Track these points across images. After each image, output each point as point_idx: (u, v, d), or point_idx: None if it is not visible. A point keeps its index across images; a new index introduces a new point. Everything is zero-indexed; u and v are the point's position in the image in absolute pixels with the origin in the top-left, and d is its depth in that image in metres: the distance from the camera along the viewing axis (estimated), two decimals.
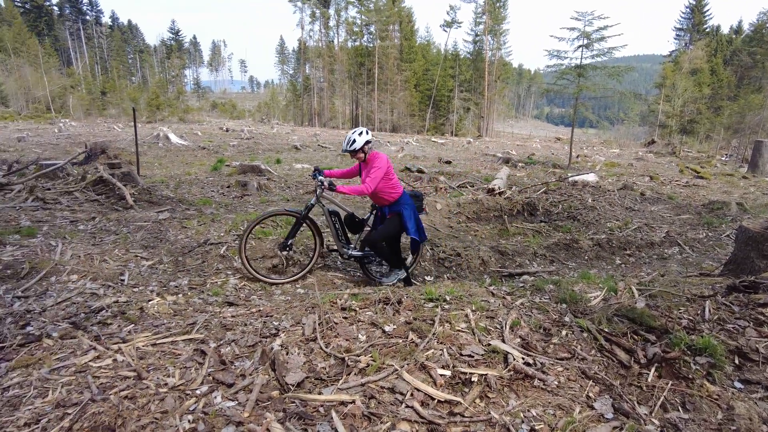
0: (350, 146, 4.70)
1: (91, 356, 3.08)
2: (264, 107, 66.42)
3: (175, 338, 3.32)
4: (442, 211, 8.43)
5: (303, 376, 2.79)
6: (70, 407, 2.55)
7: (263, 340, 3.26)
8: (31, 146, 17.78)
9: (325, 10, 61.76)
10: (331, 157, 18.18)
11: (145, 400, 2.58)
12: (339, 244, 5.17)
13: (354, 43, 61.58)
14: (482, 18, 57.52)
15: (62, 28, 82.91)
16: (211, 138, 25.16)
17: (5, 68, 52.46)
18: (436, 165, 16.11)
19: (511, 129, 73.44)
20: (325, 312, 3.56)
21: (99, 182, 7.33)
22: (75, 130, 27.69)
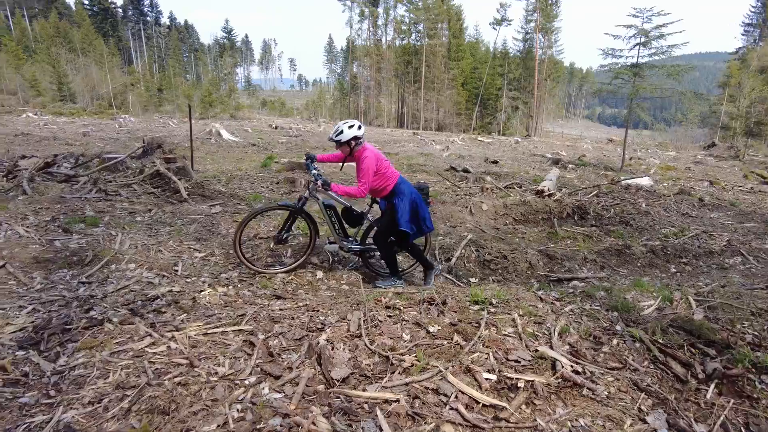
0: (336, 136, 4.53)
1: (147, 342, 3.23)
2: (312, 105, 67.50)
3: (225, 329, 3.43)
4: (488, 212, 8.32)
5: (348, 372, 2.82)
6: (129, 389, 2.68)
7: (310, 334, 3.32)
8: (95, 140, 18.80)
9: (373, 8, 62.07)
10: None
11: (197, 387, 2.68)
12: (337, 237, 5.05)
13: (402, 42, 61.63)
14: (533, 16, 56.26)
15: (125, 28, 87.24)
16: (260, 135, 25.82)
17: (74, 67, 55.67)
18: (483, 165, 15.90)
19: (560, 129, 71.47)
20: (369, 309, 3.59)
21: (156, 176, 7.69)
22: (133, 125, 29.09)
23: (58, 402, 2.59)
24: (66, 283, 4.24)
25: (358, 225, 5.11)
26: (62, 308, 3.71)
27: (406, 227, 4.62)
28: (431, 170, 13.16)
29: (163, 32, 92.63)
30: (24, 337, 3.22)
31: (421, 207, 4.80)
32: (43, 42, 62.61)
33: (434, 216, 7.91)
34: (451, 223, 7.64)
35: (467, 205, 8.46)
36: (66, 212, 6.21)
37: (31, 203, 6.54)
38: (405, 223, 4.62)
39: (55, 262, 4.72)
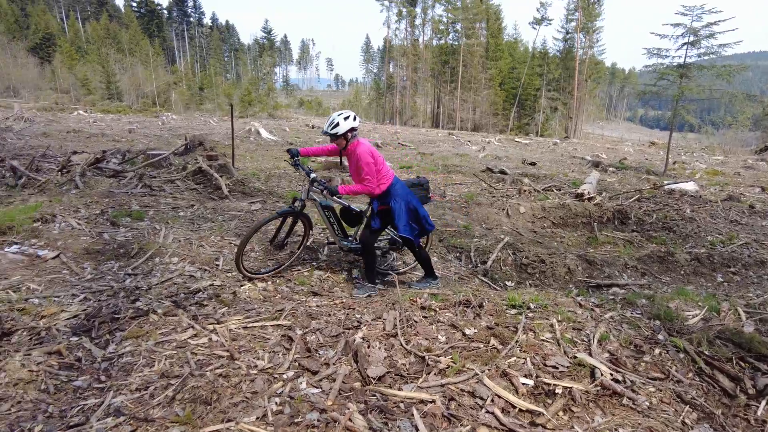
0: (332, 129, 4.19)
1: (189, 334, 3.34)
2: (347, 105, 68.00)
3: (264, 323, 3.51)
4: (525, 214, 8.20)
5: (384, 371, 2.84)
6: (173, 378, 2.79)
7: (346, 332, 3.37)
8: (139, 137, 19.51)
9: (411, 8, 62.02)
10: (411, 155, 18.26)
11: (237, 379, 2.76)
12: (336, 238, 4.85)
13: (439, 42, 61.36)
14: (575, 15, 54.95)
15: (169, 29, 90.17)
16: (297, 134, 26.21)
17: (121, 67, 57.92)
18: (520, 166, 15.66)
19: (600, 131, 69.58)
20: (405, 309, 3.60)
21: (198, 172, 7.93)
22: (175, 123, 30.02)
23: (108, 387, 2.72)
24: (114, 274, 4.43)
25: (357, 224, 4.85)
26: (110, 298, 3.87)
27: (405, 232, 4.37)
28: (467, 171, 13.05)
29: (205, 32, 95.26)
30: (77, 324, 3.39)
31: (419, 206, 4.57)
32: (94, 43, 65.43)
33: (470, 218, 7.87)
34: (487, 225, 7.56)
35: (504, 207, 8.36)
36: (114, 206, 6.48)
37: (82, 197, 6.85)
38: (404, 228, 4.37)
39: (104, 253, 4.93)
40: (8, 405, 2.51)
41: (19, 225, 5.32)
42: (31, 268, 4.50)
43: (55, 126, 21.67)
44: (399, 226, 4.34)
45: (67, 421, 2.42)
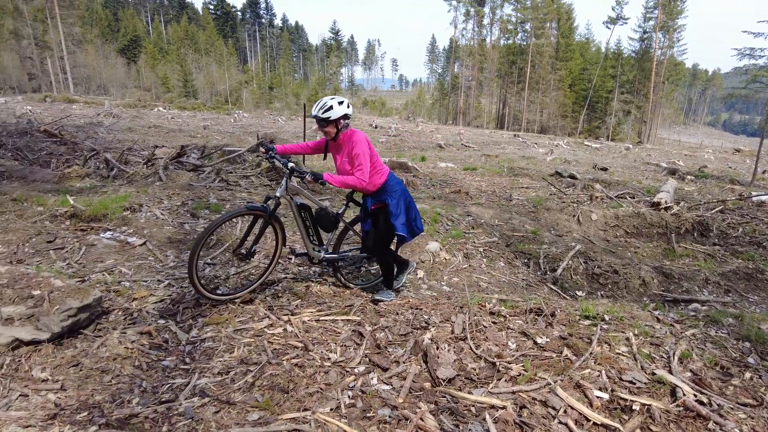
0: (324, 112, 3.62)
1: (265, 323, 3.49)
2: (410, 105, 68.17)
3: (335, 317, 3.61)
4: (597, 222, 7.88)
5: (454, 374, 2.85)
6: (252, 365, 2.93)
7: (414, 331, 3.40)
8: (213, 134, 20.53)
9: (479, 8, 61.17)
10: (475, 157, 18.03)
11: (312, 370, 2.86)
12: (310, 245, 4.13)
13: (507, 42, 60.10)
14: (654, 13, 52.05)
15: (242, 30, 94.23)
16: None
17: (198, 66, 61.21)
18: (591, 171, 15.06)
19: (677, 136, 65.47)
20: (474, 314, 3.58)
21: (271, 169, 8.26)
22: (246, 120, 31.30)
23: (193, 369, 2.90)
24: None
25: (333, 228, 4.24)
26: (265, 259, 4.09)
27: (402, 231, 3.96)
28: (534, 174, 12.72)
29: (275, 33, 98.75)
30: (164, 308, 3.64)
31: (413, 206, 4.19)
32: (174, 44, 69.56)
33: (538, 223, 7.68)
34: (556, 232, 7.35)
35: (575, 214, 8.08)
36: (193, 198, 6.87)
37: (165, 189, 7.32)
38: (401, 227, 3.96)
39: (185, 243, 5.25)
40: (110, 377, 2.74)
41: (112, 213, 5.77)
42: (122, 253, 4.87)
43: (138, 121, 23.23)
44: (396, 225, 3.94)
45: (159, 396, 2.62)
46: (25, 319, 3.00)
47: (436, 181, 10.51)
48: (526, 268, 5.82)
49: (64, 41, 49.70)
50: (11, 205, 6.19)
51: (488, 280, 5.16)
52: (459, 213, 7.13)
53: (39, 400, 2.48)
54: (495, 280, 5.22)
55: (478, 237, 6.31)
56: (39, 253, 4.70)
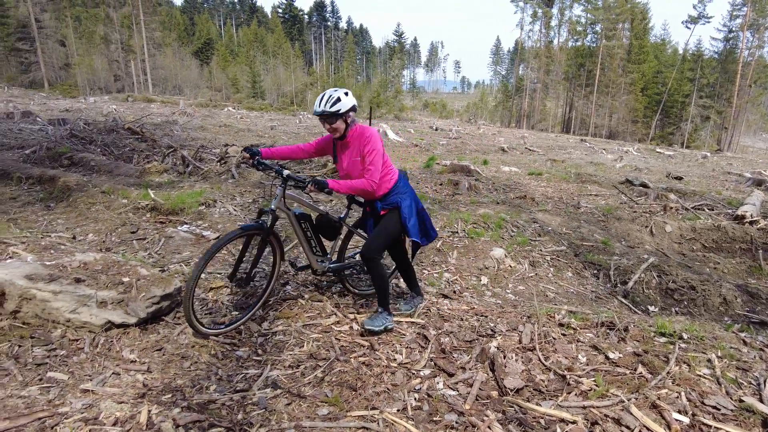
0: (332, 106, 3.17)
1: (333, 320, 3.58)
2: (472, 107, 67.33)
3: (399, 318, 3.64)
4: (672, 234, 7.45)
5: (522, 384, 2.80)
6: (321, 361, 3.02)
7: (479, 339, 3.37)
8: (280, 134, 21.21)
9: (547, 9, 59.47)
10: (540, 161, 17.54)
11: (379, 370, 2.90)
12: (313, 258, 3.71)
13: (575, 43, 58.06)
14: (742, 10, 48.45)
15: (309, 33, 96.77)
16: (422, 136, 26.57)
17: (265, 68, 63.50)
18: (664, 180, 14.26)
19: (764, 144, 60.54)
20: (542, 324, 3.50)
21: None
22: (310, 122, 32.07)
23: (265, 360, 3.03)
24: (264, 259, 4.88)
25: (336, 235, 3.87)
26: (263, 279, 4.28)
27: (416, 235, 3.53)
28: (603, 182, 12.21)
29: (340, 36, 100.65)
30: (237, 300, 3.82)
31: (424, 211, 3.79)
32: (244, 46, 72.54)
33: (608, 233, 7.37)
34: (627, 243, 7.02)
35: (647, 225, 7.68)
36: (263, 196, 7.15)
37: (237, 186, 7.66)
38: (416, 233, 3.53)
39: None
40: (189, 363, 2.91)
41: (188, 208, 6.12)
42: (197, 245, 5.14)
43: (209, 121, 24.41)
44: (410, 229, 3.48)
45: (234, 385, 2.75)
46: (116, 303, 3.25)
47: (499, 185, 10.33)
48: (596, 280, 5.61)
49: (146, 45, 53.13)
50: (101, 197, 6.70)
51: (555, 290, 5.01)
52: (525, 219, 6.97)
53: (129, 379, 2.68)
54: (562, 291, 5.07)
55: (545, 245, 6.14)
56: (124, 242, 5.06)
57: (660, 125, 54.90)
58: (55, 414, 2.32)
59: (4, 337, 3.00)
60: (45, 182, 7.67)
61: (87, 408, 2.38)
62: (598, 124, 54.61)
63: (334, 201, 7.53)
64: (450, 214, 6.63)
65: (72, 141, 11.45)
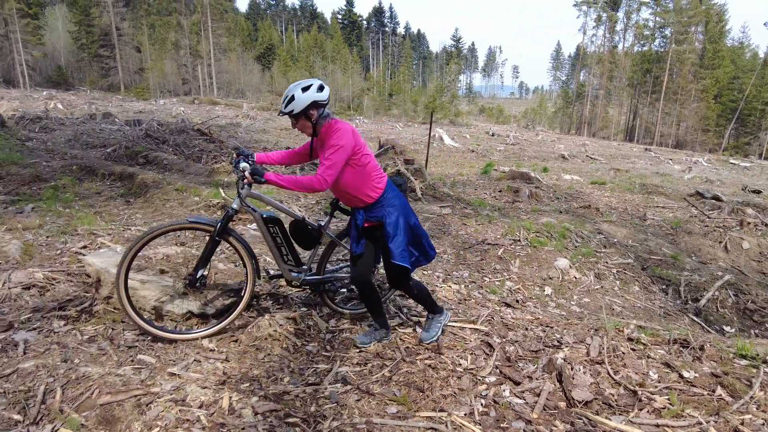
0: (286, 106, 2.91)
1: (396, 321, 3.66)
2: (530, 113, 65.86)
3: (462, 324, 3.66)
4: (750, 251, 7.01)
5: (590, 397, 2.75)
6: (387, 360, 3.09)
7: (545, 349, 3.33)
8: None
9: (612, 13, 57.38)
10: (603, 170, 16.95)
11: (445, 373, 2.94)
12: (284, 267, 3.37)
13: (642, 48, 55.60)
14: None
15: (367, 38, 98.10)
16: (478, 141, 26.33)
17: (324, 73, 64.93)
18: (739, 193, 13.42)
19: None
20: (611, 338, 3.41)
21: (396, 174, 8.56)
22: (366, 126, 32.58)
23: (334, 356, 3.13)
24: None
25: (314, 245, 3.46)
26: None
27: (401, 259, 2.99)
28: (671, 193, 11.65)
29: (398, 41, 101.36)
30: (306, 297, 3.96)
31: (418, 225, 3.24)
32: (304, 51, 74.48)
33: (678, 247, 7.04)
34: (699, 258, 6.68)
35: (721, 240, 7.27)
36: (326, 198, 7.35)
37: None
38: (400, 254, 2.98)
39: None
40: (263, 354, 3.07)
41: None
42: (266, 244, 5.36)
43: (271, 124, 25.27)
44: (394, 251, 2.98)
45: (306, 378, 2.87)
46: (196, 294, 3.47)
47: (561, 194, 10.09)
48: (664, 295, 5.38)
49: (212, 50, 55.69)
50: (175, 195, 7.12)
51: (622, 304, 4.86)
52: (589, 230, 6.79)
53: (210, 367, 2.86)
54: (629, 305, 4.90)
55: (610, 257, 5.96)
56: (197, 237, 5.36)
57: (734, 135, 51.58)
58: (148, 393, 2.51)
59: (99, 320, 3.28)
60: (125, 179, 8.24)
61: (175, 390, 2.57)
62: (664, 132, 52.03)
63: None
64: (511, 222, 6.56)
65: (147, 141, 12.21)
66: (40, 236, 5.02)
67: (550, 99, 79.50)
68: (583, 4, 59.06)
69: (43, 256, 4.50)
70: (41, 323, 3.19)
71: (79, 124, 15.38)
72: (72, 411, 2.35)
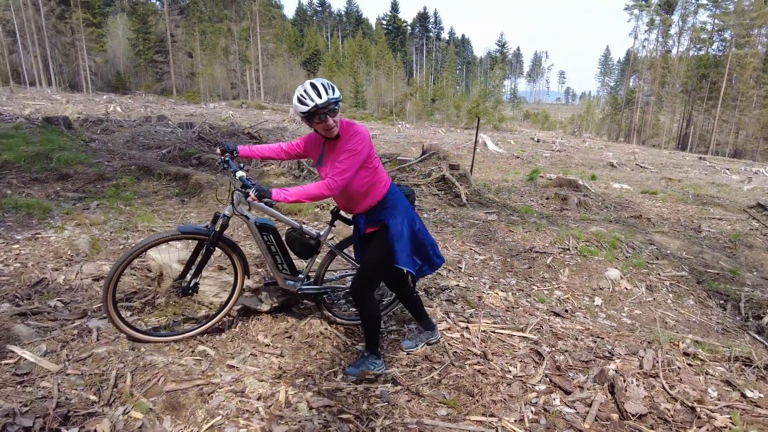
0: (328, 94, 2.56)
1: (444, 326, 3.67)
2: (577, 120, 64.28)
3: (511, 332, 3.64)
4: None
5: (644, 410, 2.70)
6: (435, 363, 3.12)
7: (596, 360, 3.28)
8: (380, 143, 21.82)
9: (667, 16, 55.33)
10: (653, 179, 16.37)
11: (495, 379, 2.95)
12: (278, 275, 3.27)
13: (698, 52, 53.30)
14: None
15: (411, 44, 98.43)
16: (522, 147, 25.93)
17: (368, 78, 65.63)
18: None
19: None
20: (665, 351, 3.32)
21: (441, 180, 8.57)
22: (408, 131, 32.63)
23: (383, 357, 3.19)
24: None
25: (312, 254, 3.35)
26: None
27: (406, 263, 2.83)
28: (728, 205, 11.13)
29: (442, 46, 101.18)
30: None
31: (424, 229, 3.05)
32: (349, 57, 75.49)
33: (737, 261, 6.73)
34: (761, 273, 6.36)
35: None
36: None
37: None
38: (406, 259, 2.83)
39: None
40: (315, 351, 3.17)
41: (306, 209, 6.55)
42: None
43: None
44: (399, 255, 2.81)
45: None
46: (251, 291, 3.61)
47: (610, 203, 9.82)
48: (722, 311, 5.16)
49: (260, 56, 57.25)
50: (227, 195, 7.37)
51: (676, 318, 4.70)
52: (640, 240, 6.59)
53: (265, 361, 2.98)
54: (684, 319, 4.73)
55: (663, 269, 5.77)
56: (248, 237, 5.55)
57: None
58: (209, 383, 2.65)
59: (161, 312, 3.47)
60: (180, 179, 8.61)
61: (234, 382, 2.69)
62: (721, 141, 49.63)
63: None
64: (560, 230, 6.46)
65: (199, 143, 12.71)
66: (104, 231, 5.34)
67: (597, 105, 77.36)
68: (635, 7, 57.33)
69: (108, 250, 4.80)
70: None
71: (135, 126, 16.14)
72: (141, 395, 2.51)
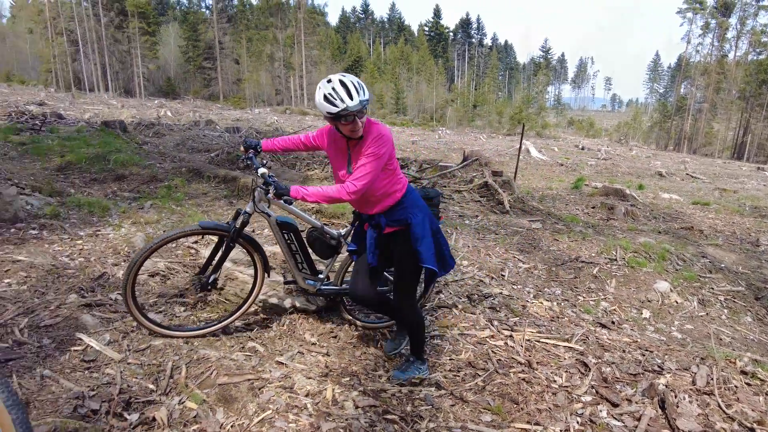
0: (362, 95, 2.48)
1: (487, 333, 3.66)
2: (623, 127, 62.29)
3: (556, 342, 3.60)
4: None
5: (698, 428, 2.61)
6: (479, 370, 3.12)
7: (645, 373, 3.20)
8: (421, 148, 21.83)
9: (723, 19, 52.97)
10: (705, 190, 15.69)
11: (540, 388, 2.92)
12: (299, 275, 3.26)
13: (758, 57, 50.74)
14: None
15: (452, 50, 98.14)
16: (567, 155, 25.37)
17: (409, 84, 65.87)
18: None
19: None
20: (720, 368, 3.20)
21: (483, 186, 8.52)
22: (449, 137, 32.49)
23: None
24: None
25: (332, 255, 3.32)
26: None
27: (431, 262, 2.73)
28: None
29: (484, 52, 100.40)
30: None
31: (440, 231, 2.94)
32: (390, 63, 76.00)
33: None
34: None
35: None
36: None
37: None
38: (430, 257, 2.73)
39: None
40: (359, 352, 3.24)
41: (348, 213, 6.66)
42: None
43: None
44: (424, 254, 2.72)
45: None
46: (299, 291, 3.71)
47: (658, 213, 9.49)
48: None
49: (304, 62, 58.46)
50: None
51: (731, 335, 4.50)
52: (692, 253, 6.35)
53: (312, 359, 3.06)
54: (740, 336, 4.53)
55: (717, 283, 5.54)
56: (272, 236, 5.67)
57: None
58: (260, 378, 2.75)
59: (213, 308, 3.62)
60: (228, 181, 8.91)
61: (284, 378, 2.79)
62: None
63: None
64: (607, 240, 6.30)
65: None
66: (158, 230, 5.59)
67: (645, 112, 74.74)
68: (688, 11, 55.20)
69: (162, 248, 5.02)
70: (165, 307, 3.58)
71: (185, 130, 16.79)
72: (195, 387, 2.63)
